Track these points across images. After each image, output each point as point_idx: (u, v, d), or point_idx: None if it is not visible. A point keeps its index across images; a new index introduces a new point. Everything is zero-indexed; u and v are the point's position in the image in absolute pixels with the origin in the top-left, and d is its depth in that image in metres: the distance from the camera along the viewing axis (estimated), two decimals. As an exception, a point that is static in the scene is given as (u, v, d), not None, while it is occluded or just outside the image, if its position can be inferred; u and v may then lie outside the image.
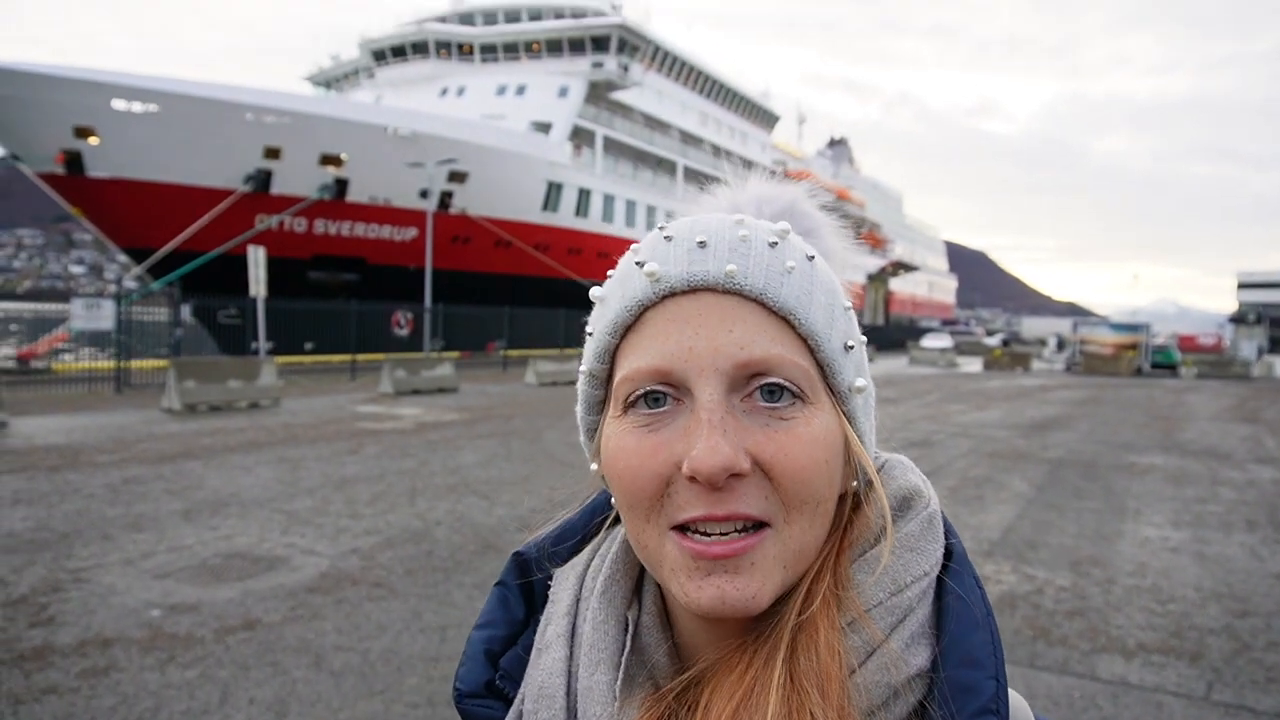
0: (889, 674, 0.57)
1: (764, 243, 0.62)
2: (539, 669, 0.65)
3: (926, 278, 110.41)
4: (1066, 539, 7.51)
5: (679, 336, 0.59)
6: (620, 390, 0.61)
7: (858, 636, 0.58)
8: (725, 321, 0.59)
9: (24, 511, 7.34)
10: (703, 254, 0.61)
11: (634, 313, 0.61)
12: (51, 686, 4.02)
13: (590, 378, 0.66)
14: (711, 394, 0.58)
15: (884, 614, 0.59)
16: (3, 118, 27.67)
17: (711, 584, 0.57)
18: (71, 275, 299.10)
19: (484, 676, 0.68)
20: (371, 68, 46.39)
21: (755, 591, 0.57)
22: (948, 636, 0.60)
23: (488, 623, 0.71)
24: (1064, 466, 11.58)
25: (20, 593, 5.29)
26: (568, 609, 0.67)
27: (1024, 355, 42.69)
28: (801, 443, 0.58)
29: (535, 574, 0.72)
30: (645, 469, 0.59)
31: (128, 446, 10.94)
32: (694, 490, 0.57)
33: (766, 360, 0.59)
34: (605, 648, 0.64)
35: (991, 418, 17.80)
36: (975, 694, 0.57)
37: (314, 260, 32.89)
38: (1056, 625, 5.25)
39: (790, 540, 0.59)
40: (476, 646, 0.69)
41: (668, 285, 0.60)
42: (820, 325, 0.61)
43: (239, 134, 29.90)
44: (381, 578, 5.83)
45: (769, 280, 0.60)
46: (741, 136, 63.22)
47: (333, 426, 13.51)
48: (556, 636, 0.66)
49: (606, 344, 0.63)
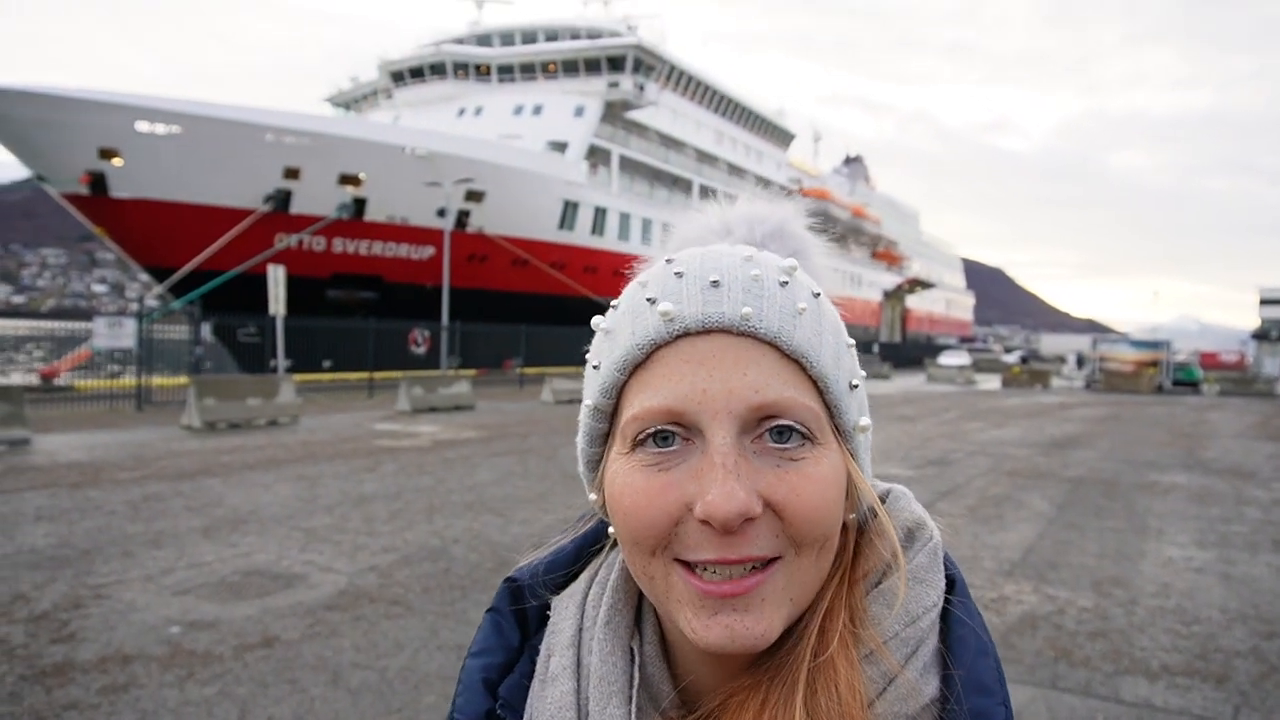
0: (906, 704, 0.58)
1: (776, 282, 0.62)
2: (547, 702, 0.64)
3: (944, 295, 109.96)
4: (1088, 559, 7.43)
5: (693, 378, 0.59)
6: (629, 428, 0.61)
7: (875, 668, 0.59)
8: (740, 364, 0.59)
9: (46, 528, 7.41)
10: (717, 294, 0.60)
11: (646, 351, 0.61)
12: (73, 703, 4.04)
13: (595, 411, 0.65)
14: (724, 437, 0.58)
15: (899, 645, 0.60)
16: (29, 140, 28.17)
17: (720, 622, 0.57)
18: (94, 294, 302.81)
19: (483, 706, 0.67)
20: (390, 89, 46.91)
21: (764, 630, 0.58)
22: (960, 665, 0.61)
23: (483, 650, 0.70)
24: (1085, 485, 11.46)
25: (43, 608, 5.33)
26: (571, 639, 0.67)
27: (1043, 372, 42.40)
28: (812, 483, 0.59)
29: (528, 600, 0.72)
30: (654, 508, 0.58)
31: (148, 463, 11.03)
32: (705, 533, 0.57)
33: (780, 404, 0.59)
34: (614, 680, 0.63)
35: (1010, 435, 17.66)
36: (986, 718, 0.59)
37: (332, 279, 33.17)
38: (1079, 646, 5.18)
39: (797, 573, 0.59)
40: (474, 675, 0.69)
41: (682, 326, 0.60)
42: (830, 367, 0.62)
43: (260, 154, 30.29)
44: (399, 595, 5.83)
45: (783, 323, 0.60)
46: (757, 155, 63.40)
47: (351, 444, 13.58)
48: (562, 669, 0.65)
49: (615, 380, 0.62)
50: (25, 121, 27.58)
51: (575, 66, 43.83)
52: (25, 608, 5.35)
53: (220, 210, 30.20)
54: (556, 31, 45.58)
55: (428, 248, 34.42)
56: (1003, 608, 5.93)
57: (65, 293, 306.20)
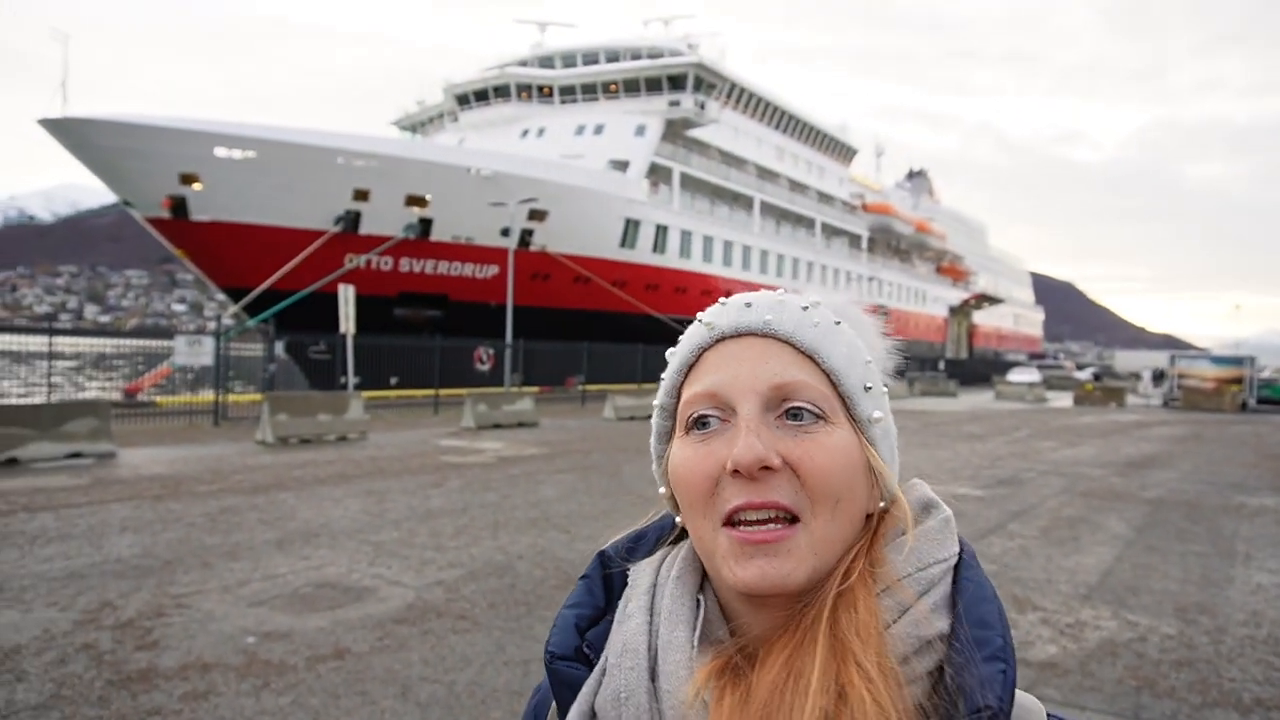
0: (919, 628, 0.70)
1: (797, 306, 0.79)
2: (622, 632, 0.77)
3: (1011, 310, 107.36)
4: (1170, 584, 7.14)
5: (727, 368, 0.76)
6: (683, 414, 0.78)
7: (892, 599, 0.71)
8: (763, 356, 0.76)
9: (131, 538, 7.70)
10: (748, 310, 0.79)
11: (695, 354, 0.79)
12: (156, 709, 4.18)
13: (661, 410, 0.82)
14: (750, 409, 0.74)
15: (913, 583, 0.72)
16: (116, 167, 29.52)
17: (755, 565, 0.71)
18: (174, 313, 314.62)
19: (574, 643, 0.80)
20: (455, 111, 47.87)
21: (790, 570, 0.71)
22: (963, 605, 0.72)
23: (576, 604, 0.83)
24: (1165, 507, 11.04)
25: (128, 616, 5.54)
26: (647, 589, 0.80)
27: (1117, 390, 41.00)
28: (822, 448, 0.73)
29: (614, 568, 0.85)
30: (699, 470, 0.74)
31: (225, 477, 11.39)
32: (737, 483, 0.72)
33: (795, 385, 0.75)
34: (682, 614, 0.76)
35: (1084, 455, 17.12)
36: (987, 644, 0.69)
37: (400, 298, 33.88)
38: (1163, 676, 4.98)
39: (817, 531, 0.72)
40: (568, 620, 0.82)
41: (719, 331, 0.78)
42: (840, 364, 0.77)
43: (330, 177, 31.19)
44: (465, 610, 5.90)
45: (798, 328, 0.77)
46: (819, 170, 62.93)
47: (417, 460, 13.81)
48: (638, 609, 0.78)
49: (674, 380, 0.81)
50: (112, 149, 28.92)
51: (636, 86, 44.18)
52: (112, 615, 5.55)
53: (293, 231, 31.17)
54: (618, 52, 46.01)
55: (492, 267, 34.95)
56: (1080, 633, 5.73)
57: (147, 312, 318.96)
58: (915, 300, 75.78)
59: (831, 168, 64.94)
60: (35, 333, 17.89)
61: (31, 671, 4.60)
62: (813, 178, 61.77)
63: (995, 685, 0.67)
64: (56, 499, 9.54)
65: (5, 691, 4.33)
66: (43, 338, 17.51)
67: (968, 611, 0.71)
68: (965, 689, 0.67)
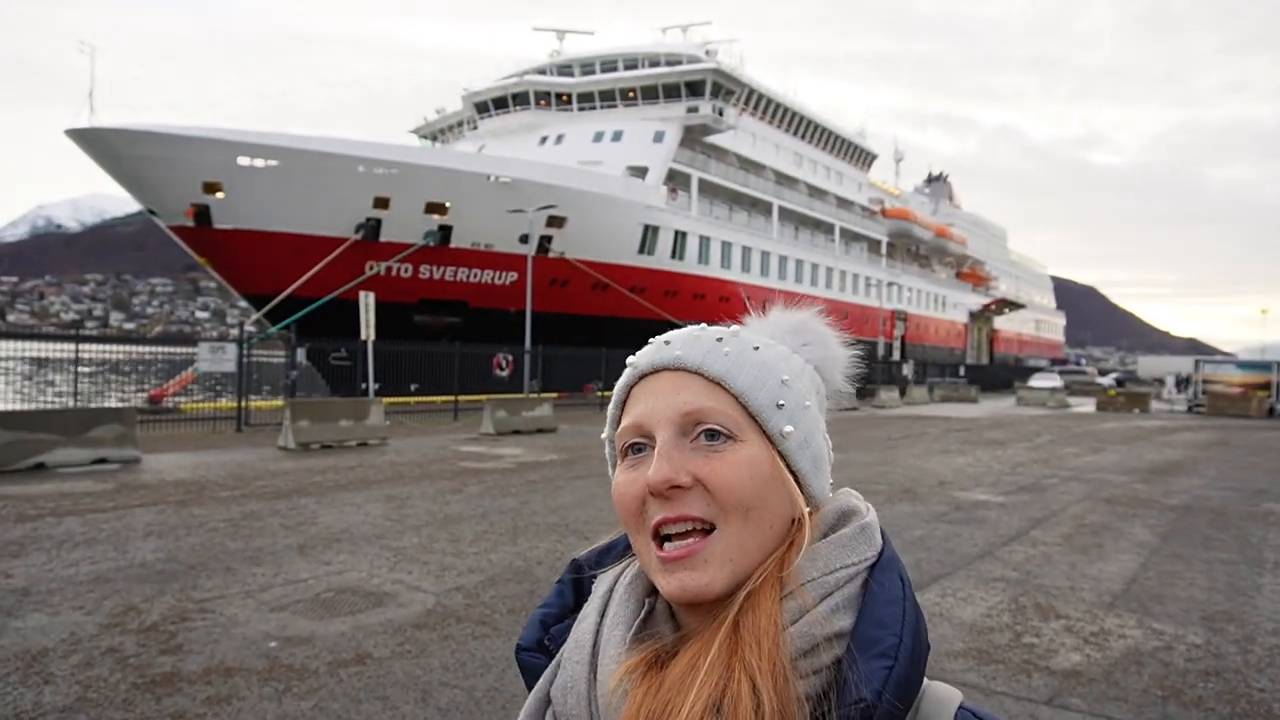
0: (813, 628, 0.76)
1: (712, 338, 0.87)
2: (577, 631, 0.87)
3: (1033, 315, 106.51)
4: (1196, 592, 7.05)
5: (648, 401, 0.84)
6: (618, 444, 0.87)
7: (793, 602, 0.77)
8: (675, 388, 0.84)
9: (155, 543, 7.78)
10: (665, 348, 0.87)
11: (625, 391, 0.89)
12: (180, 712, 4.22)
13: (610, 443, 0.91)
14: (665, 436, 0.82)
15: (814, 588, 0.78)
16: (141, 176, 29.92)
17: (676, 578, 0.79)
18: (197, 320, 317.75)
19: (537, 636, 0.91)
20: (474, 119, 48.14)
21: (708, 581, 0.78)
22: (864, 607, 0.78)
23: (546, 604, 0.94)
24: (1190, 514, 10.90)
25: (152, 620, 5.59)
26: (603, 594, 0.88)
27: (1141, 395, 40.57)
28: (728, 464, 0.80)
29: (586, 573, 0.94)
30: (629, 493, 0.82)
31: (247, 483, 11.49)
32: (657, 501, 0.80)
33: (703, 410, 0.82)
34: (624, 617, 0.84)
35: (1108, 461, 16.94)
36: (877, 643, 0.75)
37: (419, 304, 34.09)
38: (1190, 686, 4.92)
39: (730, 539, 0.79)
40: (535, 618, 0.92)
41: (639, 370, 0.87)
42: (746, 386, 0.83)
43: (351, 185, 31.45)
44: (485, 616, 5.92)
45: (705, 359, 0.84)
46: (838, 176, 62.75)
47: (437, 465, 13.87)
48: (592, 610, 0.87)
49: (613, 415, 0.90)
50: (137, 159, 29.32)
51: (654, 93, 44.26)
52: (136, 619, 5.61)
53: (314, 239, 31.45)
54: (636, 59, 46.10)
55: (511, 273, 35.08)
56: (1104, 642, 5.67)
57: (171, 319, 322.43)
58: (935, 306, 75.32)
59: (850, 173, 64.74)
60: (62, 340, 18.14)
61: (59, 674, 4.65)
62: (831, 183, 61.60)
63: (875, 680, 0.73)
64: (83, 504, 9.66)
65: (33, 693, 4.39)
66: (70, 345, 17.75)
67: (867, 613, 0.77)
68: (844, 683, 0.74)
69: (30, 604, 5.89)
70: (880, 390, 39.93)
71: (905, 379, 49.67)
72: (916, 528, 9.53)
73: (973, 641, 5.60)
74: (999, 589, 6.97)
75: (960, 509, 10.80)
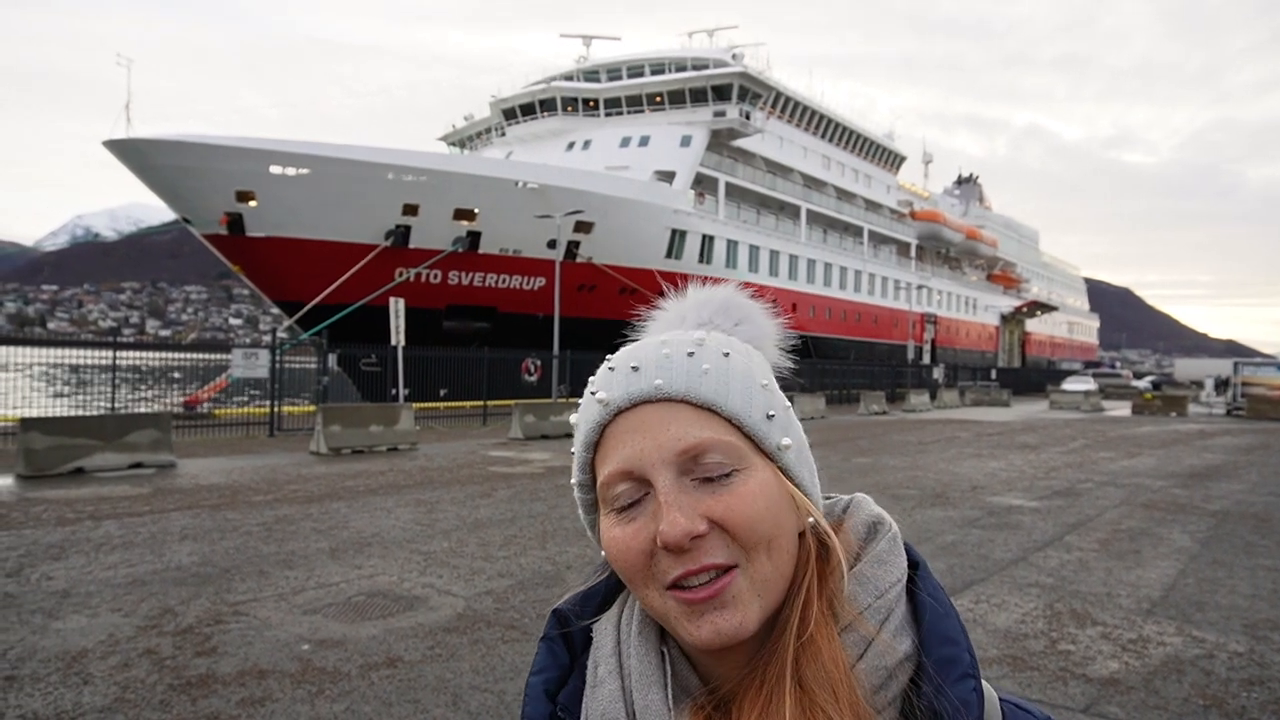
0: (883, 659, 0.72)
1: (683, 354, 0.78)
2: (598, 699, 0.78)
3: (1066, 318, 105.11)
4: (1239, 599, 6.90)
5: (632, 442, 0.76)
6: (603, 494, 0.78)
7: (854, 635, 0.73)
8: (663, 422, 0.75)
9: (190, 546, 7.89)
10: (636, 376, 0.78)
11: (597, 432, 0.79)
12: (215, 714, 4.26)
13: (580, 488, 0.83)
14: (665, 480, 0.74)
15: (873, 614, 0.74)
16: (176, 185, 30.43)
17: (707, 622, 0.72)
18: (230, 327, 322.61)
19: (546, 710, 0.82)
20: (502, 125, 48.45)
21: (740, 620, 0.72)
22: (926, 625, 0.74)
23: (541, 669, 0.84)
24: (1231, 519, 10.68)
25: (188, 623, 5.67)
26: (612, 650, 0.81)
27: (1178, 398, 39.81)
28: (741, 498, 0.73)
29: (573, 626, 0.86)
30: (632, 548, 0.74)
31: (280, 487, 11.62)
32: (671, 556, 0.72)
33: (701, 444, 0.74)
34: (651, 674, 0.77)
35: (1144, 465, 16.65)
36: (955, 664, 0.72)
37: (448, 310, 34.32)
38: (1233, 695, 4.81)
39: (755, 574, 0.73)
40: (537, 689, 0.83)
41: (615, 406, 0.77)
42: (739, 406, 0.77)
43: (381, 193, 31.77)
44: (515, 620, 5.93)
45: (689, 384, 0.76)
46: (865, 178, 62.38)
47: (466, 470, 13.95)
48: (608, 673, 0.79)
49: (584, 459, 0.81)
50: (173, 169, 29.84)
51: (681, 97, 44.30)
52: (173, 621, 5.69)
53: (345, 246, 31.79)
54: (662, 64, 46.17)
55: (539, 278, 35.23)
56: (1143, 649, 5.56)
57: (205, 326, 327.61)
58: (966, 308, 74.57)
59: (879, 175, 64.33)
60: (100, 347, 18.47)
61: (97, 675, 4.73)
62: (860, 186, 61.25)
63: (973, 706, 0.71)
64: (120, 508, 9.82)
65: (73, 693, 4.46)
66: (107, 351, 18.07)
67: (932, 630, 0.74)
68: (944, 715, 0.70)
69: (70, 606, 6.00)
70: (910, 394, 39.59)
71: (935, 383, 49.22)
72: (948, 533, 9.42)
73: (1007, 648, 5.52)
74: (1034, 595, 6.86)
75: (993, 514, 10.66)
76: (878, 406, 34.91)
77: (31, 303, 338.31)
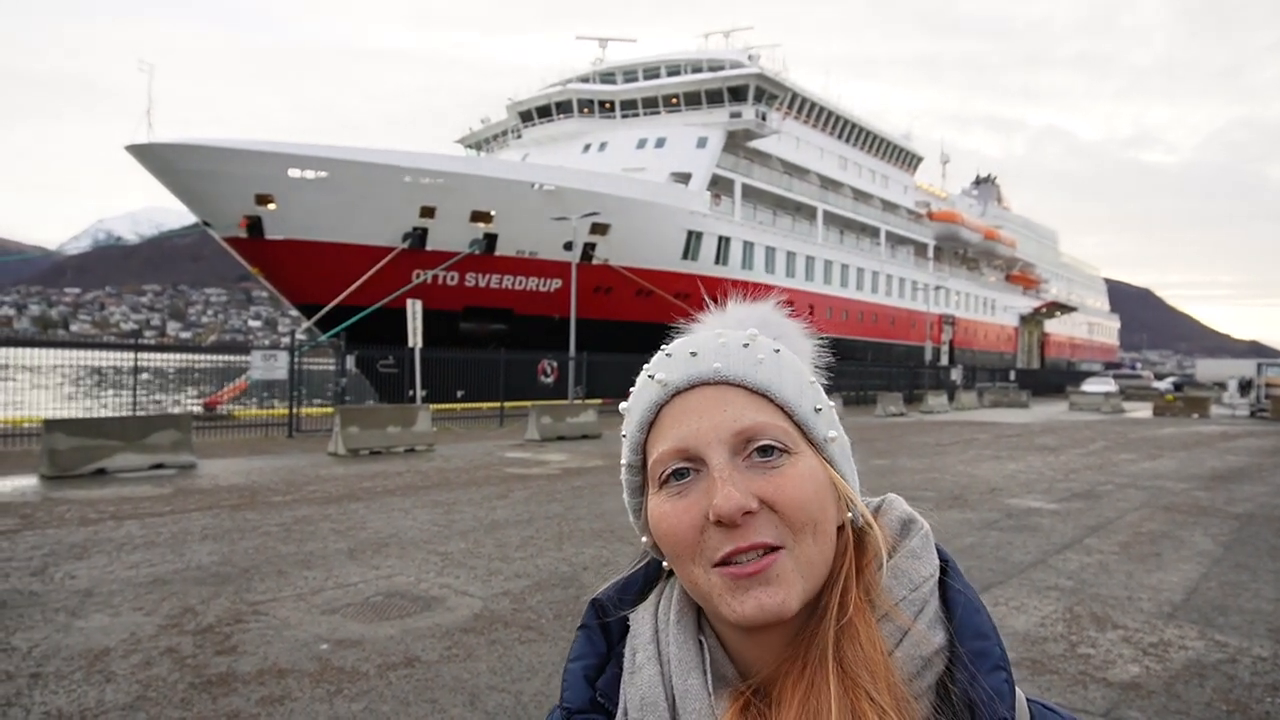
0: (919, 648, 0.75)
1: (738, 345, 0.82)
2: (637, 684, 0.80)
3: (1085, 318, 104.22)
4: (1263, 603, 6.82)
5: (689, 421, 0.79)
6: (654, 471, 0.80)
7: (890, 625, 0.76)
8: (719, 404, 0.79)
9: (210, 546, 7.96)
10: (695, 360, 0.81)
11: (653, 412, 0.82)
12: (234, 712, 4.30)
13: (629, 469, 0.85)
14: (719, 458, 0.77)
15: (908, 606, 0.77)
16: (196, 189, 30.72)
17: (751, 597, 0.74)
18: (250, 329, 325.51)
19: (587, 695, 0.84)
20: (519, 128, 48.58)
21: (783, 598, 0.74)
22: (958, 619, 0.77)
23: (580, 656, 0.87)
24: (1255, 522, 10.56)
25: (208, 622, 5.72)
26: (650, 637, 0.83)
27: (1201, 400, 39.38)
28: (792, 480, 0.76)
29: (611, 615, 0.88)
30: (683, 523, 0.77)
31: (298, 488, 11.70)
32: (721, 531, 0.75)
33: (754, 426, 0.78)
34: (690, 660, 0.79)
35: (1166, 468, 16.48)
36: (988, 656, 0.75)
37: (465, 312, 34.45)
38: (1257, 700, 4.75)
39: (801, 555, 0.76)
40: (576, 674, 0.85)
41: (673, 387, 0.81)
42: (791, 395, 0.81)
43: (398, 195, 31.94)
44: (532, 620, 5.94)
45: (745, 369, 0.80)
46: (883, 179, 62.11)
47: (483, 471, 13.99)
48: (647, 659, 0.81)
49: (637, 439, 0.83)
50: (193, 173, 30.12)
51: (697, 98, 44.27)
52: (193, 620, 5.75)
53: (362, 249, 31.98)
54: (678, 65, 46.16)
55: (555, 280, 35.31)
56: (1164, 654, 5.51)
57: (225, 328, 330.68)
58: (984, 309, 74.10)
59: (896, 176, 64.03)
60: (122, 349, 18.68)
61: (120, 673, 4.78)
62: (877, 186, 60.98)
63: (1005, 696, 0.73)
64: (141, 508, 9.92)
65: (96, 691, 4.51)
66: (129, 353, 18.26)
67: (964, 625, 0.77)
68: (979, 704, 0.73)
69: (93, 605, 6.07)
70: (928, 395, 39.36)
71: (954, 384, 48.92)
72: (967, 535, 9.37)
73: (1026, 651, 5.49)
74: (1053, 598, 6.81)
75: (1012, 516, 10.59)
76: (895, 408, 34.73)
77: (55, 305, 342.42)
